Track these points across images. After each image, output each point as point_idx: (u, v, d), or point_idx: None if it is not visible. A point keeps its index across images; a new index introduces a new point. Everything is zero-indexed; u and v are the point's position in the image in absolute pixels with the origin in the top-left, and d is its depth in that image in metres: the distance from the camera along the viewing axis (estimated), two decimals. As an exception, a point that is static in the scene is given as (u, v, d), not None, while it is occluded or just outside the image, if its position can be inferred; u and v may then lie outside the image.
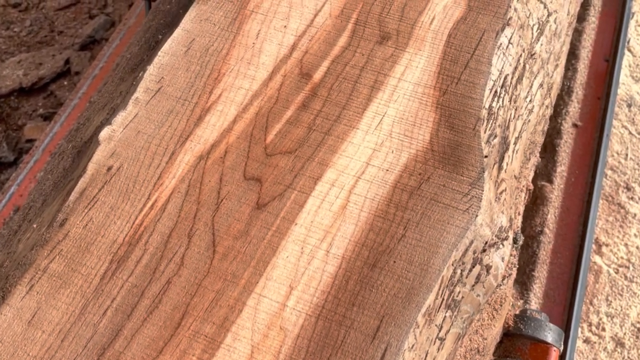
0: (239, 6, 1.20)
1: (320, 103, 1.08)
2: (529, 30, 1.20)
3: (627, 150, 2.42)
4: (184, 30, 1.18)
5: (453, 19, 1.16)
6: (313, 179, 1.00)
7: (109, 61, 2.46)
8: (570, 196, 2.02)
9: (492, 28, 1.14)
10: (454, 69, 1.10)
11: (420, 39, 1.14)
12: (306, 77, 1.11)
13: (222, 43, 1.16)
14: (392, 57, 1.13)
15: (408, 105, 1.07)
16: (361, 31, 1.16)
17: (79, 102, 2.38)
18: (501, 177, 1.06)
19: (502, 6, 1.16)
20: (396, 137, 1.04)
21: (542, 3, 1.24)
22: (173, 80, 1.12)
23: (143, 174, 1.02)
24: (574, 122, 2.14)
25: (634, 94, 2.55)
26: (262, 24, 1.18)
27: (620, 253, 2.19)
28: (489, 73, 1.09)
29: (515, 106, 1.14)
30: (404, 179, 0.99)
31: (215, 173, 1.01)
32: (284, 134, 1.05)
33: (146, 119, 1.07)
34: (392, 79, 1.10)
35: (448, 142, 1.03)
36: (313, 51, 1.14)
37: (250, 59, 1.14)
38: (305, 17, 1.18)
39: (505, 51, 1.12)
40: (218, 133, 1.05)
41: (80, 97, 2.40)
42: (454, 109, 1.06)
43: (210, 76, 1.12)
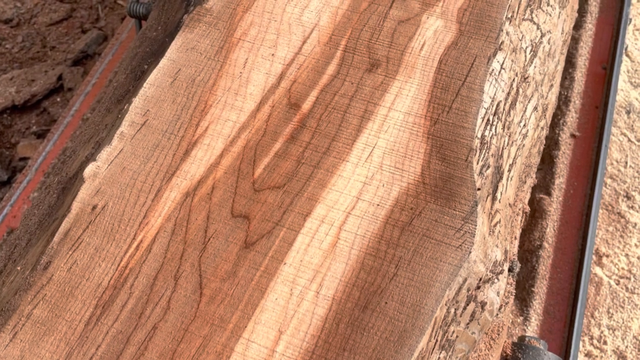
0: (225, 34, 1.18)
1: (309, 134, 1.06)
2: (522, 53, 1.17)
3: (626, 158, 2.40)
4: (170, 60, 1.15)
5: (444, 44, 1.13)
6: (302, 215, 0.98)
7: (102, 77, 2.44)
8: (569, 209, 1.99)
9: (484, 53, 1.11)
10: (445, 97, 1.08)
11: (411, 65, 1.12)
12: (295, 108, 1.09)
13: (208, 73, 1.13)
14: (382, 85, 1.10)
15: (399, 135, 1.05)
16: (350, 58, 1.14)
17: (72, 120, 2.36)
18: (495, 208, 1.03)
19: (494, 30, 1.14)
20: (387, 170, 1.02)
21: (534, 24, 1.21)
22: (159, 112, 1.09)
23: (128, 212, 0.99)
24: (572, 133, 2.12)
25: (632, 100, 2.53)
26: (249, 52, 1.16)
27: (620, 264, 2.16)
28: (481, 101, 1.07)
29: (509, 132, 1.12)
30: (395, 214, 0.97)
31: (202, 211, 0.99)
32: (273, 168, 1.03)
33: (131, 154, 1.05)
34: (382, 108, 1.08)
35: (440, 174, 1.00)
36: (301, 80, 1.12)
37: (238, 89, 1.11)
38: (293, 44, 1.16)
39: (497, 77, 1.10)
40: (205, 168, 1.03)
41: (72, 114, 2.38)
42: (446, 139, 1.04)
43: (196, 108, 1.10)
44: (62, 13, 2.64)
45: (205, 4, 1.22)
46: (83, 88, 2.42)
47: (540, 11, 1.23)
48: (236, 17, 1.20)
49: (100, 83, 2.40)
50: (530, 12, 1.21)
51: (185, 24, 1.19)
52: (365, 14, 1.18)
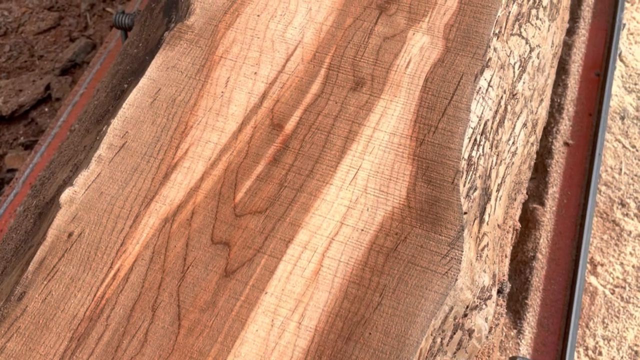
0: (207, 52, 1.15)
1: (292, 156, 1.03)
2: (510, 69, 1.15)
3: (620, 164, 2.37)
4: (150, 79, 1.12)
5: (430, 62, 1.11)
6: (284, 241, 0.95)
7: (90, 87, 2.41)
8: (563, 218, 1.97)
9: (471, 71, 1.09)
10: (431, 116, 1.05)
11: (396, 84, 1.09)
12: (277, 128, 1.06)
13: (189, 93, 1.11)
14: (367, 104, 1.08)
15: (384, 157, 1.02)
16: (334, 77, 1.11)
17: (59, 131, 2.33)
18: (483, 231, 1.01)
19: (481, 46, 1.11)
20: (371, 193, 0.99)
21: (523, 39, 1.19)
22: (138, 134, 1.07)
23: (105, 240, 0.97)
24: (565, 141, 2.09)
25: (627, 105, 2.50)
26: (231, 71, 1.13)
27: (615, 273, 2.14)
28: (468, 120, 1.04)
29: (497, 152, 1.09)
30: (379, 240, 0.95)
31: (181, 237, 0.96)
32: (254, 192, 1.00)
33: (109, 178, 1.02)
34: (367, 128, 1.05)
35: (425, 197, 0.98)
36: (285, 99, 1.09)
37: (219, 109, 1.09)
38: (277, 62, 1.13)
39: (484, 95, 1.07)
40: (185, 192, 1.00)
41: (60, 125, 2.35)
42: (432, 160, 1.01)
43: (177, 129, 1.07)
44: (50, 21, 2.61)
45: (186, 21, 1.19)
46: (71, 98, 2.39)
47: (529, 25, 1.21)
48: (218, 35, 1.17)
49: (88, 93, 2.37)
50: (518, 26, 1.18)
51: (166, 42, 1.17)
52: (350, 30, 1.16)
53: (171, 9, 1.24)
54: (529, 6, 1.22)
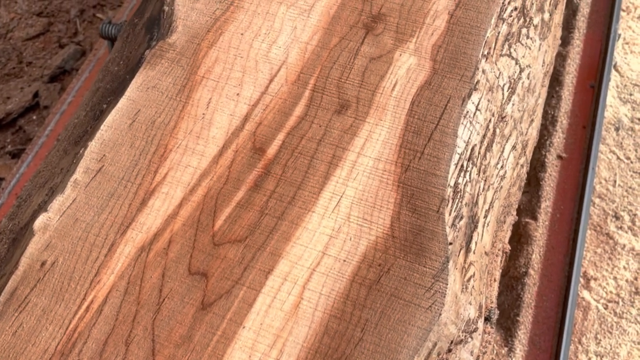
0: (189, 71, 1.12)
1: (273, 182, 1.00)
2: (499, 91, 1.12)
3: (615, 176, 2.35)
4: (129, 99, 1.09)
5: (417, 84, 1.08)
6: (264, 272, 0.92)
7: (78, 95, 2.38)
8: (556, 233, 1.94)
9: (458, 94, 1.06)
10: (416, 141, 1.02)
11: (382, 107, 1.06)
12: (259, 152, 1.03)
13: (169, 114, 1.08)
14: (352, 128, 1.05)
15: (368, 183, 0.99)
16: (319, 99, 1.08)
17: (47, 141, 2.30)
18: (469, 261, 0.98)
19: (469, 68, 1.08)
20: (354, 222, 0.96)
21: (513, 59, 1.16)
22: (116, 158, 1.04)
23: (79, 269, 0.94)
24: (559, 154, 2.07)
25: (621, 116, 2.48)
26: (213, 92, 1.10)
27: (609, 287, 2.11)
28: (455, 146, 1.01)
29: (485, 177, 1.07)
30: (362, 271, 0.92)
31: (157, 267, 0.93)
32: (234, 220, 0.97)
33: (85, 204, 0.99)
34: (351, 153, 1.02)
35: (410, 226, 0.95)
36: (267, 122, 1.06)
37: (200, 132, 1.06)
38: (260, 83, 1.10)
39: (472, 119, 1.05)
40: (162, 219, 0.97)
41: (47, 134, 2.32)
42: (417, 188, 0.98)
43: (155, 153, 1.04)
44: (38, 27, 2.58)
45: (168, 39, 1.16)
46: (59, 107, 2.36)
47: (519, 45, 1.18)
48: (200, 53, 1.14)
49: (77, 101, 2.34)
50: (508, 46, 1.16)
51: (147, 60, 1.14)
52: (335, 50, 1.13)
53: (153, 25, 1.21)
54: (519, 25, 1.19)
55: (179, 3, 1.20)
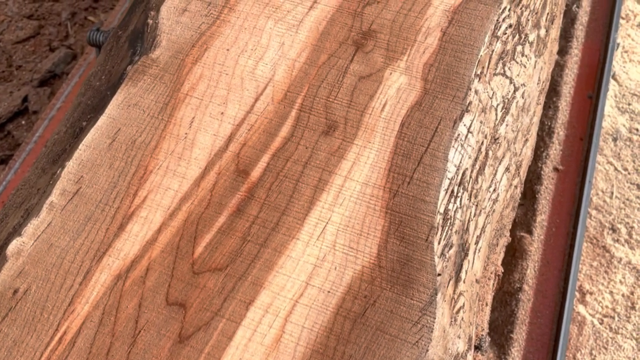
0: (172, 88, 1.08)
1: (257, 207, 0.97)
2: (492, 112, 1.08)
3: (612, 188, 2.31)
4: (110, 117, 1.06)
5: (407, 104, 1.04)
6: (245, 303, 0.89)
7: (67, 101, 2.34)
8: (551, 248, 1.91)
9: (450, 116, 1.02)
10: (406, 165, 0.99)
11: (370, 128, 1.03)
12: (243, 175, 1.00)
13: (151, 133, 1.04)
14: (339, 150, 1.01)
15: (355, 209, 0.96)
16: (306, 119, 1.04)
17: (35, 147, 2.26)
18: (459, 291, 0.95)
19: (462, 89, 1.05)
20: (340, 250, 0.93)
21: (507, 78, 1.12)
22: (94, 179, 1.00)
23: (53, 298, 0.90)
24: (555, 166, 2.03)
25: (619, 126, 2.44)
26: (196, 110, 1.06)
27: (605, 302, 2.08)
28: (445, 170, 0.98)
29: (476, 202, 1.03)
30: (347, 303, 0.88)
31: (134, 297, 0.90)
32: (215, 246, 0.94)
33: (60, 228, 0.96)
34: (338, 177, 0.99)
35: (397, 256, 0.91)
36: (252, 143, 1.03)
37: (182, 152, 1.02)
38: (245, 101, 1.07)
39: (463, 142, 1.01)
40: (140, 246, 0.94)
41: (36, 141, 2.28)
42: (405, 214, 0.95)
43: (135, 174, 1.00)
44: (29, 30, 2.54)
45: (151, 54, 1.12)
46: (48, 112, 2.32)
47: (513, 63, 1.14)
48: (184, 70, 1.10)
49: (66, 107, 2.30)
50: (502, 65, 1.12)
51: (129, 77, 1.10)
52: (324, 68, 1.09)
53: (137, 39, 1.17)
54: (514, 43, 1.15)
55: (164, 16, 1.16)
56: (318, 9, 1.16)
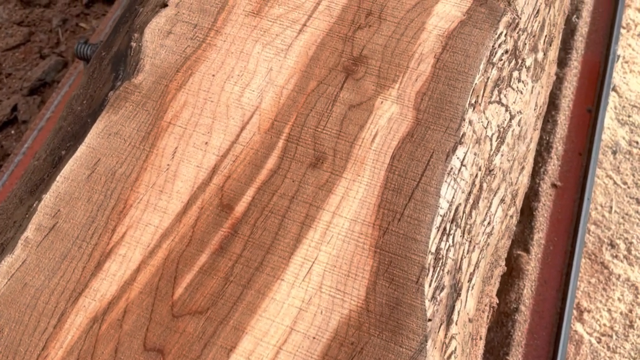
0: (154, 116, 1.04)
1: (241, 245, 0.93)
2: (487, 142, 1.04)
3: (611, 202, 2.27)
4: (89, 147, 1.02)
5: (398, 136, 1.00)
6: (226, 349, 0.85)
7: (57, 111, 2.30)
8: (549, 267, 1.87)
9: (442, 148, 0.98)
10: (396, 201, 0.95)
11: (360, 160, 0.99)
12: (227, 210, 0.96)
13: (131, 165, 1.00)
14: (327, 184, 0.97)
15: (342, 248, 0.92)
16: (293, 150, 1.00)
17: (23, 159, 2.22)
18: (450, 335, 0.91)
19: (455, 119, 1.01)
20: (327, 292, 0.89)
21: (503, 106, 1.08)
22: (71, 214, 0.96)
23: (26, 342, 0.86)
24: (553, 182, 1.99)
25: (619, 139, 2.40)
26: (180, 140, 1.02)
27: (602, 320, 2.04)
28: (437, 207, 0.94)
29: (470, 237, 0.99)
30: (333, 351, 0.84)
31: (110, 341, 0.86)
32: (196, 287, 0.90)
33: (36, 266, 0.92)
34: (326, 213, 0.95)
35: (387, 299, 0.87)
36: (237, 176, 0.99)
37: (163, 185, 0.98)
38: (230, 131, 1.03)
39: (457, 176, 0.97)
40: (118, 286, 0.90)
41: (24, 152, 2.24)
42: (395, 254, 0.91)
43: (114, 209, 0.96)
44: (19, 37, 2.49)
45: (134, 79, 1.08)
46: (37, 122, 2.28)
47: (509, 90, 1.10)
48: (168, 96, 1.06)
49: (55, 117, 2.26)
50: (498, 92, 1.08)
51: (110, 103, 1.06)
52: (312, 95, 1.05)
53: (120, 62, 1.13)
54: (510, 69, 1.11)
55: (148, 39, 1.12)
56: (308, 32, 1.12)
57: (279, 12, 1.14)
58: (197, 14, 1.15)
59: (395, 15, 1.12)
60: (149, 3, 1.20)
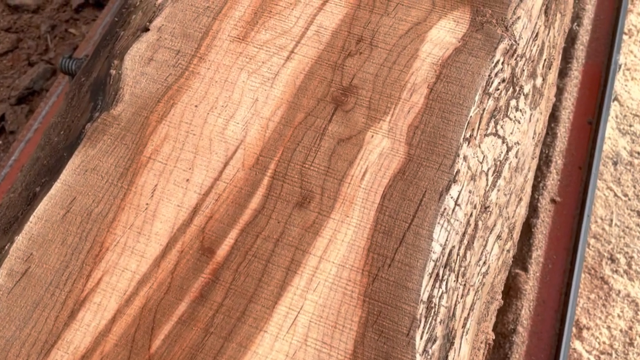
0: (134, 150, 0.99)
1: (222, 292, 0.88)
2: (482, 178, 0.99)
3: (612, 215, 2.23)
4: (65, 184, 0.97)
5: (389, 173, 0.95)
6: (204, 408, 0.80)
7: (45, 122, 2.25)
8: (547, 286, 1.82)
9: (435, 187, 0.93)
10: (387, 244, 0.90)
11: (349, 200, 0.94)
12: (208, 254, 0.91)
13: (108, 204, 0.95)
14: (314, 225, 0.92)
15: (329, 296, 0.87)
16: (279, 188, 0.95)
17: (10, 172, 2.17)
18: (443, 388, 0.86)
19: (449, 155, 0.96)
20: (312, 345, 0.84)
21: (500, 138, 1.03)
22: (44, 257, 0.91)
23: (-6, 399, 0.82)
24: (552, 197, 1.94)
25: (620, 149, 2.35)
26: (160, 176, 0.97)
27: (602, 337, 2.00)
28: (430, 251, 0.89)
29: (464, 280, 0.94)
30: (317, 410, 0.80)
31: (83, 399, 0.81)
32: (174, 339, 0.85)
33: (6, 315, 0.87)
34: (313, 257, 0.90)
35: (375, 353, 0.83)
36: (219, 216, 0.94)
37: (142, 226, 0.93)
38: (213, 166, 0.98)
39: (450, 217, 0.92)
40: (92, 337, 0.85)
41: (11, 164, 2.19)
42: (385, 303, 0.86)
43: (90, 252, 0.91)
44: (6, 44, 2.44)
45: (112, 110, 1.03)
46: (25, 133, 2.23)
47: (507, 120, 1.05)
48: (148, 129, 1.01)
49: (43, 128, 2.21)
50: (494, 124, 1.03)
51: (87, 136, 1.01)
52: (300, 128, 1.00)
53: (99, 90, 1.08)
54: (507, 98, 1.06)
55: (128, 67, 1.07)
56: (295, 59, 1.07)
57: (266, 37, 1.09)
58: (180, 39, 1.09)
59: (387, 41, 1.07)
60: (130, 26, 1.15)
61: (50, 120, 1.16)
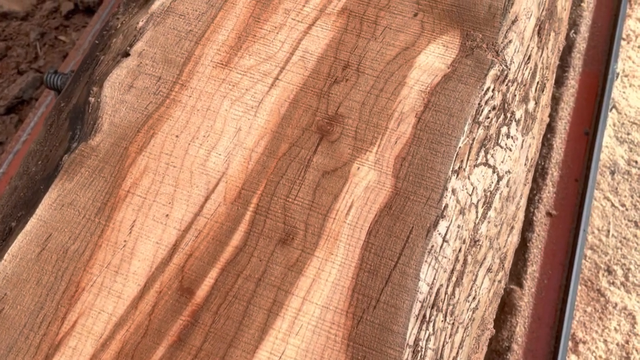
0: (112, 184, 0.96)
1: (201, 336, 0.85)
2: (472, 210, 0.96)
3: (609, 225, 2.20)
4: (40, 220, 0.94)
5: (375, 207, 0.92)
6: None
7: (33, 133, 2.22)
8: (542, 302, 1.80)
9: (423, 223, 0.90)
10: (372, 284, 0.87)
11: (334, 236, 0.91)
12: (187, 295, 0.88)
13: (85, 241, 0.92)
14: (297, 264, 0.89)
15: (312, 340, 0.84)
16: (261, 224, 0.92)
17: (-2, 185, 2.13)
18: None
19: (437, 189, 0.92)
20: (293, 392, 0.81)
21: (490, 167, 1.00)
22: (19, 298, 0.88)
23: None
24: (548, 211, 1.91)
25: (618, 158, 2.32)
26: (138, 212, 0.94)
27: (598, 352, 1.98)
28: (416, 292, 0.86)
29: (453, 319, 0.92)
30: None
31: None
32: (151, 386, 0.82)
33: (-22, 361, 0.84)
34: (296, 298, 0.87)
35: (359, 401, 0.80)
36: (199, 254, 0.91)
37: (119, 265, 0.90)
38: (194, 201, 0.95)
39: (438, 254, 0.89)
40: (67, 385, 0.82)
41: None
42: (370, 348, 0.83)
43: (65, 292, 0.88)
44: (-5, 53, 2.40)
45: (91, 140, 1.00)
46: (13, 145, 2.20)
47: (497, 149, 1.02)
48: (127, 160, 0.98)
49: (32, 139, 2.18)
50: (484, 153, 1.00)
51: (64, 169, 0.98)
52: (284, 160, 0.97)
53: (77, 118, 1.05)
54: (498, 125, 1.03)
55: (107, 94, 1.03)
56: (280, 87, 1.03)
57: (250, 63, 1.06)
58: (161, 65, 1.06)
59: (374, 67, 1.04)
60: (110, 50, 1.12)
61: (30, 146, 1.13)
